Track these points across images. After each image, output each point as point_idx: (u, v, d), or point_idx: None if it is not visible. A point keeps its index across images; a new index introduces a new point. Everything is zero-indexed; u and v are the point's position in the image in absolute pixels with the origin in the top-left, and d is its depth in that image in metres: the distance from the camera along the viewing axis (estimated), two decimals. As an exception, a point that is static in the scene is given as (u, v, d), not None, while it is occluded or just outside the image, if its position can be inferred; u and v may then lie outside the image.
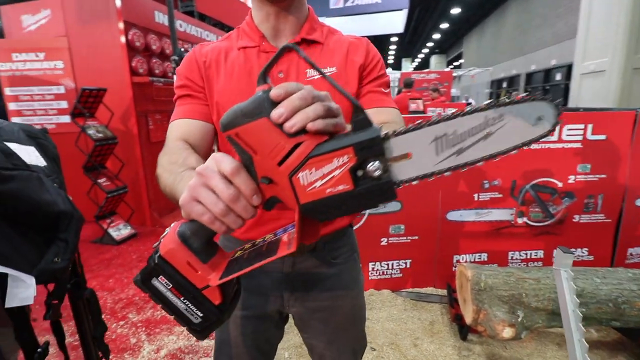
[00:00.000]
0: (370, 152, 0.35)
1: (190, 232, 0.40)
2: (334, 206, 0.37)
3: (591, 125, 2.00)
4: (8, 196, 0.75)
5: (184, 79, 0.73)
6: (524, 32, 13.32)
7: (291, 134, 0.35)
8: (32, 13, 3.40)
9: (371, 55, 0.76)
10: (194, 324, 0.42)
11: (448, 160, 0.38)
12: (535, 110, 0.37)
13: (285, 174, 0.36)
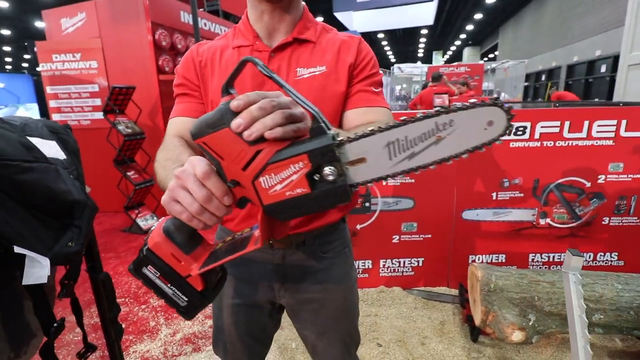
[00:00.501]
0: (324, 159, 0.38)
1: (173, 227, 0.45)
2: (293, 207, 0.40)
3: (625, 121, 1.86)
4: (27, 185, 0.82)
5: (181, 78, 0.76)
6: (565, 21, 12.47)
7: (251, 142, 0.38)
8: (70, 16, 3.64)
9: (363, 54, 0.75)
10: (180, 306, 0.48)
11: (401, 164, 0.40)
12: (485, 115, 0.38)
13: (249, 178, 0.40)
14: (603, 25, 10.19)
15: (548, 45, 13.93)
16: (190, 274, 0.45)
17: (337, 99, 0.73)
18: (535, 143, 1.90)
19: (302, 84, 0.71)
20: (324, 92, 0.71)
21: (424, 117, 0.38)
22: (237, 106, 0.38)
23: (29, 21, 16.14)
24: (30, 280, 0.80)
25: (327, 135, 0.38)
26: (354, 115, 0.72)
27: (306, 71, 0.72)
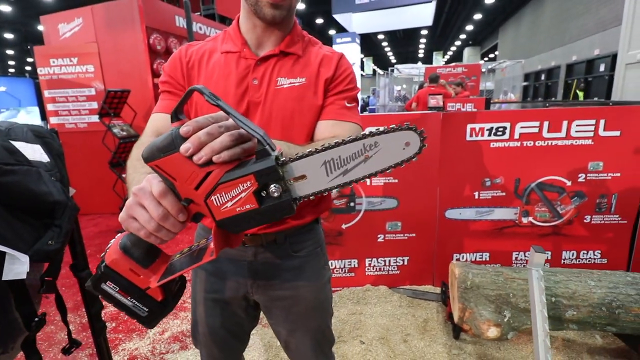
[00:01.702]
0: (268, 178, 0.42)
1: (130, 243, 0.47)
2: (244, 221, 0.44)
3: (603, 121, 1.89)
4: (9, 187, 0.87)
5: (167, 76, 0.79)
6: (564, 21, 12.47)
7: (200, 164, 0.41)
8: (67, 22, 3.71)
9: (341, 69, 0.79)
10: (141, 317, 0.50)
11: (337, 179, 0.45)
12: (401, 137, 0.44)
13: (201, 197, 0.43)
14: (601, 25, 10.19)
15: (547, 44, 13.92)
16: (150, 286, 0.48)
17: (314, 111, 0.76)
18: (515, 143, 1.93)
19: (281, 93, 0.74)
20: (301, 103, 0.75)
21: (353, 140, 0.44)
22: (186, 132, 0.41)
23: (32, 25, 16.31)
24: (10, 276, 0.84)
25: (270, 157, 0.42)
26: (323, 126, 0.76)
27: (286, 81, 0.75)
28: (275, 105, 0.74)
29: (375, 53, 27.04)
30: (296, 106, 0.75)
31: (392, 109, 10.43)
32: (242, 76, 0.75)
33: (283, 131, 0.75)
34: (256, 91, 0.74)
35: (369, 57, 24.72)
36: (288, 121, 0.75)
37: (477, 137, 1.96)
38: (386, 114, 2.06)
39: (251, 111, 0.75)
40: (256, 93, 0.74)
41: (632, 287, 1.35)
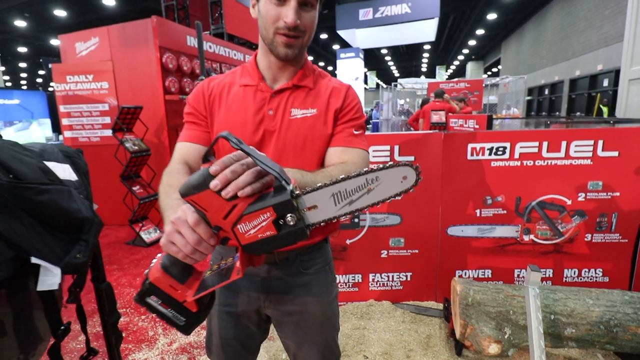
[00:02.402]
0: (285, 209, 0.49)
1: (169, 263, 0.56)
2: (265, 245, 0.52)
3: (602, 142, 1.95)
4: (44, 205, 0.95)
5: (191, 107, 0.88)
6: (567, 36, 12.65)
7: (227, 199, 0.49)
8: (84, 40, 3.88)
9: (348, 100, 0.86)
10: (179, 325, 0.59)
11: (344, 209, 0.53)
12: (399, 172, 0.53)
13: (229, 225, 0.51)
14: (604, 41, 10.32)
15: (550, 59, 14.08)
16: (186, 299, 0.56)
17: (324, 139, 0.84)
18: (516, 162, 1.99)
19: (295, 123, 0.82)
20: (313, 131, 0.82)
21: (357, 175, 0.52)
22: (215, 171, 0.49)
23: (45, 39, 16.86)
24: (44, 287, 0.91)
25: (286, 192, 0.49)
26: (333, 152, 0.83)
27: (299, 112, 0.83)
28: (289, 134, 0.82)
29: (378, 67, 27.43)
30: (308, 135, 0.82)
31: (395, 123, 10.54)
32: (258, 107, 0.83)
33: (296, 157, 0.82)
34: (271, 120, 0.82)
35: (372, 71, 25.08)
36: (300, 148, 0.82)
37: (478, 156, 2.02)
38: (391, 134, 2.14)
39: (266, 139, 0.82)
40: (271, 122, 0.82)
41: (629, 306, 1.38)
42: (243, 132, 0.82)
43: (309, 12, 0.76)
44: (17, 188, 0.91)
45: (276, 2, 0.74)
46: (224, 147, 0.83)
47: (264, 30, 0.78)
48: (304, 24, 0.76)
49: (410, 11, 11.37)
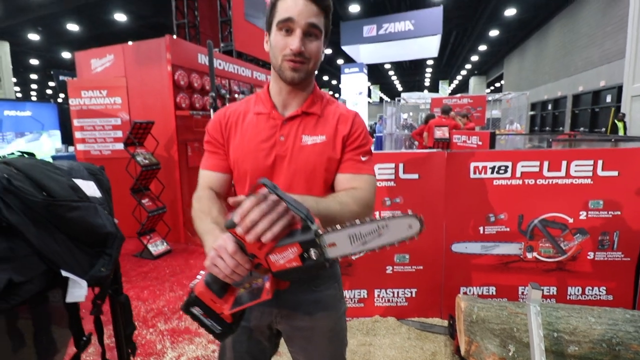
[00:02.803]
0: (309, 246, 0.60)
1: (211, 280, 0.67)
2: (291, 273, 0.63)
3: (601, 161, 2.00)
4: (74, 221, 1.02)
5: (210, 136, 0.96)
6: (569, 53, 12.82)
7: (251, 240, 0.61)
8: (99, 57, 4.03)
9: (355, 127, 0.93)
10: (216, 333, 0.71)
11: (358, 247, 0.63)
12: (406, 221, 0.63)
13: (262, 255, 0.62)
14: (606, 57, 10.45)
15: (552, 75, 14.23)
16: (223, 312, 0.68)
17: (333, 164, 0.90)
18: (517, 181, 2.05)
19: (305, 149, 0.89)
20: (322, 157, 0.89)
21: (371, 222, 0.62)
22: (237, 221, 0.61)
23: (56, 52, 17.35)
24: (72, 299, 0.97)
25: (311, 231, 0.60)
26: (342, 179, 0.90)
27: (310, 139, 0.89)
28: (300, 159, 0.89)
29: (382, 81, 27.77)
30: (318, 160, 0.89)
31: (399, 137, 10.64)
32: (270, 134, 0.90)
33: (306, 181, 0.89)
34: (282, 146, 0.89)
35: (375, 85, 25.39)
36: (310, 173, 0.89)
37: (480, 174, 2.08)
38: (396, 152, 2.21)
39: (277, 163, 0.89)
40: (282, 148, 0.89)
41: (630, 324, 1.41)
42: (256, 157, 0.89)
43: (313, 42, 0.84)
44: (51, 205, 0.98)
45: (284, 33, 0.83)
46: (243, 170, 0.91)
47: (274, 58, 0.87)
48: (308, 52, 0.84)
49: (414, 28, 11.62)
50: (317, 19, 0.83)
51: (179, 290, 2.88)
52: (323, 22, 0.85)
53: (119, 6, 11.98)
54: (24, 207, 0.95)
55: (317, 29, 0.84)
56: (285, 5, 0.82)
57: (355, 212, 0.83)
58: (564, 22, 13.23)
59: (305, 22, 0.81)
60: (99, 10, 12.11)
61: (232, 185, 1.00)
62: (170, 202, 3.81)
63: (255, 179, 0.89)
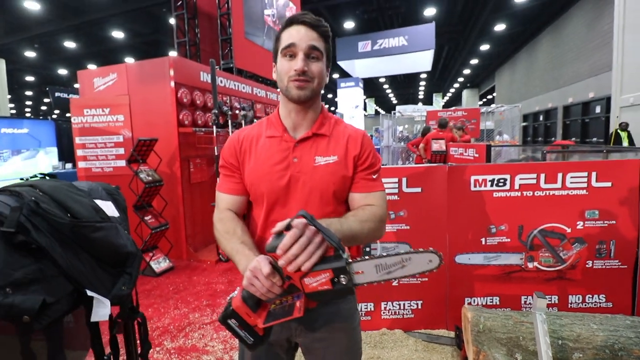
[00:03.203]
0: (340, 272, 0.68)
1: (247, 296, 0.75)
2: (322, 296, 0.72)
3: (595, 173, 2.08)
4: (98, 241, 1.06)
5: (224, 161, 1.02)
6: (558, 66, 13.20)
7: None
8: (102, 76, 4.11)
9: (364, 147, 0.99)
10: (248, 343, 0.77)
11: (383, 276, 0.72)
12: (427, 256, 0.71)
13: (297, 277, 0.70)
14: (594, 70, 10.77)
15: (543, 87, 14.59)
16: (257, 325, 0.75)
17: (346, 182, 0.97)
18: (516, 193, 2.12)
19: (319, 169, 0.95)
20: (335, 176, 0.95)
21: (396, 255, 0.71)
22: (279, 255, 0.70)
23: (52, 68, 17.46)
24: (97, 318, 1.00)
25: (342, 259, 0.69)
26: (357, 197, 0.97)
27: (322, 159, 0.95)
28: (315, 179, 0.94)
29: (377, 94, 28.21)
30: (331, 179, 0.95)
31: (395, 149, 10.79)
32: (284, 156, 0.96)
33: (321, 199, 0.95)
34: (296, 167, 0.95)
35: (370, 98, 25.76)
36: (325, 191, 0.95)
37: (480, 187, 2.15)
38: (399, 167, 2.28)
39: (292, 184, 0.95)
40: (296, 169, 0.95)
41: (631, 330, 1.46)
42: (270, 179, 0.94)
43: (315, 63, 0.92)
44: (76, 226, 1.02)
45: (288, 58, 0.92)
46: (260, 192, 0.97)
47: (281, 82, 0.94)
48: (311, 71, 0.91)
49: (407, 43, 11.94)
50: (317, 42, 0.92)
51: (183, 307, 2.88)
52: (323, 45, 0.94)
53: (118, 24, 12.19)
54: (51, 229, 0.99)
55: (318, 51, 0.92)
56: (288, 34, 0.92)
57: (373, 228, 0.90)
58: (551, 37, 13.66)
59: (306, 45, 0.90)
60: (97, 27, 12.31)
61: (247, 207, 1.06)
62: (172, 218, 3.83)
63: (271, 200, 0.95)
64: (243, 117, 4.15)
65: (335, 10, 11.98)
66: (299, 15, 0.94)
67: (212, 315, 2.74)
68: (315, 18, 0.94)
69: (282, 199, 0.96)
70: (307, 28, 0.92)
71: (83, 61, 16.07)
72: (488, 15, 12.23)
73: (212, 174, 4.38)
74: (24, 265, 0.89)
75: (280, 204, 0.96)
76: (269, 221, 0.98)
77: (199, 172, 4.16)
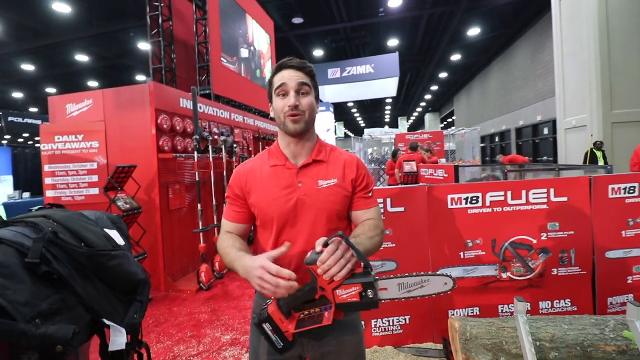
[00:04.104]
0: (368, 287, 0.79)
1: (282, 303, 0.85)
2: (349, 307, 0.82)
3: (553, 189, 2.36)
4: (112, 270, 1.08)
5: (231, 191, 1.14)
6: (508, 92, 14.49)
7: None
8: (76, 102, 4.02)
9: (360, 171, 1.14)
10: (277, 347, 0.86)
11: (404, 294, 0.84)
12: (443, 279, 0.85)
13: (330, 288, 0.81)
14: (540, 96, 11.94)
15: (496, 111, 15.87)
16: (288, 330, 0.83)
17: (346, 200, 1.10)
18: (487, 209, 2.34)
19: (322, 191, 1.07)
20: (337, 196, 1.08)
21: (417, 275, 0.84)
22: (318, 266, 0.81)
23: (6, 91, 16.45)
24: (115, 347, 1.01)
25: (371, 275, 0.79)
26: (359, 214, 1.11)
27: (324, 182, 1.09)
28: (320, 201, 1.07)
29: (345, 118, 29.15)
30: (334, 199, 1.08)
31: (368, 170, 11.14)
32: (289, 181, 1.08)
33: (327, 217, 1.07)
34: (301, 191, 1.07)
35: (340, 122, 26.55)
36: (330, 210, 1.07)
37: (456, 205, 2.35)
38: (384, 189, 2.43)
39: (299, 206, 1.06)
40: (301, 192, 1.07)
41: (596, 327, 1.66)
42: (279, 203, 1.06)
43: (305, 97, 1.07)
44: (93, 255, 1.05)
45: (282, 97, 1.07)
46: (269, 217, 1.08)
47: (278, 118, 1.09)
48: (302, 105, 1.06)
49: (373, 71, 12.67)
50: (305, 79, 1.07)
51: (166, 340, 2.77)
52: (310, 81, 1.09)
53: (81, 47, 11.86)
54: (69, 259, 1.01)
55: (307, 86, 1.07)
56: (280, 77, 1.07)
57: (377, 240, 1.05)
58: (500, 66, 15.06)
59: (295, 82, 1.05)
60: (58, 50, 11.90)
61: (251, 231, 1.17)
62: (150, 246, 3.71)
63: (281, 222, 1.06)
64: (223, 142, 4.20)
65: (305, 39, 12.51)
66: (287, 61, 1.09)
67: (198, 346, 2.66)
68: (300, 61, 1.09)
69: (291, 221, 1.07)
70: (295, 70, 1.07)
71: (41, 84, 15.31)
72: (445, 47, 13.33)
73: (191, 200, 4.32)
74: (47, 296, 0.90)
75: (289, 225, 1.07)
76: (279, 242, 1.07)
77: (177, 198, 4.10)
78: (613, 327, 1.65)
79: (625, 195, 2.40)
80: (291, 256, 1.06)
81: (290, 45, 12.29)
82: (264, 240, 1.11)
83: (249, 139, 5.88)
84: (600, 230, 2.37)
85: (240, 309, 3.32)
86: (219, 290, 3.83)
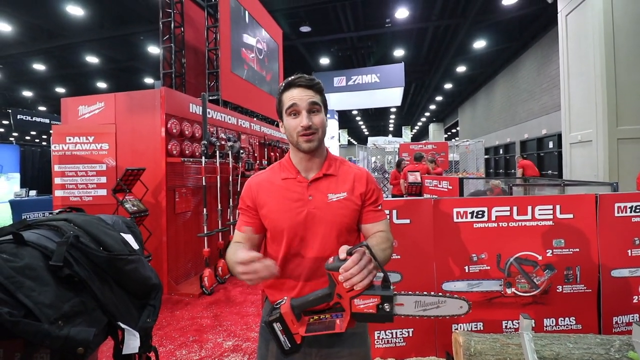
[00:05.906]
0: (386, 300, 0.80)
1: (295, 305, 0.86)
2: (364, 317, 0.83)
3: (559, 206, 2.37)
4: (129, 274, 1.11)
5: (243, 203, 1.17)
6: (514, 104, 14.50)
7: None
8: (88, 104, 4.09)
9: (369, 185, 1.16)
10: (284, 348, 0.86)
11: (420, 312, 0.85)
12: (459, 302, 0.86)
13: (348, 297, 0.82)
14: (544, 109, 11.94)
15: (501, 123, 15.88)
16: (298, 333, 0.84)
17: (355, 213, 1.13)
18: (493, 224, 2.35)
19: (333, 204, 1.10)
20: (347, 209, 1.11)
21: (435, 296, 0.84)
22: (341, 274, 0.82)
23: (17, 90, 16.70)
24: (129, 350, 1.03)
25: (390, 290, 0.81)
26: (369, 227, 1.13)
27: (334, 196, 1.11)
28: (329, 213, 1.10)
29: (349, 126, 29.28)
30: (344, 212, 1.11)
31: (371, 178, 11.16)
32: (300, 194, 1.11)
33: (337, 230, 1.09)
34: (312, 204, 1.10)
35: (344, 129, 26.68)
36: (340, 223, 1.10)
37: (462, 219, 2.37)
38: (390, 200, 2.46)
39: (309, 218, 1.09)
40: (312, 205, 1.10)
41: (601, 347, 1.66)
42: (290, 215, 1.09)
43: (317, 115, 1.09)
44: (112, 259, 1.08)
45: (293, 116, 1.09)
46: (280, 228, 1.11)
47: (290, 137, 1.11)
48: (315, 124, 1.08)
49: (379, 80, 12.76)
50: (315, 98, 1.08)
51: (169, 344, 2.78)
52: (320, 98, 1.11)
53: (92, 49, 12.06)
54: (89, 262, 1.04)
55: (317, 105, 1.09)
56: (290, 96, 1.08)
57: (389, 252, 1.07)
58: (506, 79, 15.12)
59: (306, 102, 1.07)
60: (69, 52, 12.10)
61: (261, 242, 1.19)
62: (154, 249, 3.74)
63: (291, 234, 1.09)
64: (230, 148, 4.25)
65: (312, 47, 12.65)
66: (295, 80, 1.10)
67: (200, 351, 2.67)
68: (308, 78, 1.11)
69: (301, 233, 1.09)
70: (304, 89, 1.08)
71: (51, 84, 15.54)
72: (451, 59, 13.42)
73: (196, 204, 4.36)
74: (69, 298, 0.93)
75: (299, 237, 1.10)
76: (290, 254, 1.10)
77: (183, 202, 4.14)
78: (619, 347, 1.65)
79: (631, 214, 2.41)
80: (301, 268, 1.09)
81: (297, 53, 12.44)
82: (274, 252, 1.14)
83: (255, 145, 5.93)
84: (606, 248, 2.37)
85: (243, 315, 3.33)
86: (221, 295, 3.84)
